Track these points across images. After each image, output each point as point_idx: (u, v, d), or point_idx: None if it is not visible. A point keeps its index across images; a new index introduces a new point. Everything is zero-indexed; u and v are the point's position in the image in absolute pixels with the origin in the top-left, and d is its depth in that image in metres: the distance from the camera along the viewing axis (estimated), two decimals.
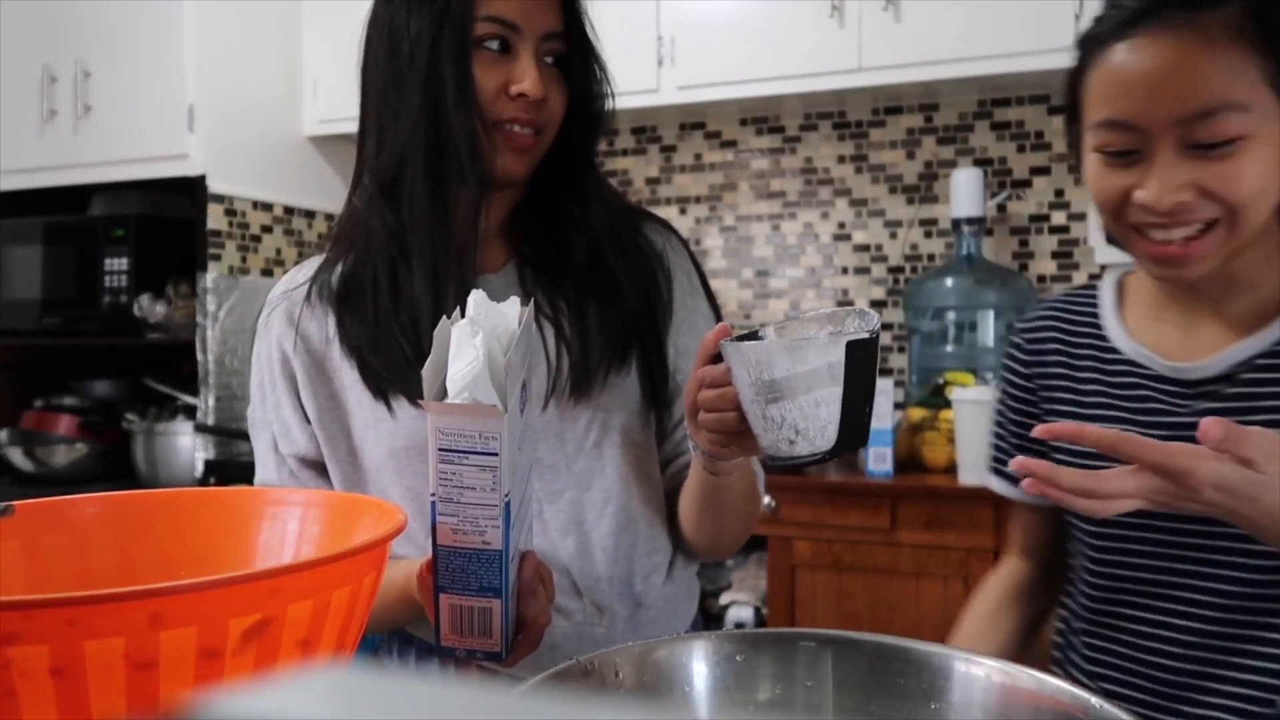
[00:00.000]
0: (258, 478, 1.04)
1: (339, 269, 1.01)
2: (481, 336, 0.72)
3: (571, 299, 1.01)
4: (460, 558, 0.74)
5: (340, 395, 1.00)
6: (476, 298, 0.76)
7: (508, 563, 0.75)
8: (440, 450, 0.72)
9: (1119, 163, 0.84)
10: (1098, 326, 0.99)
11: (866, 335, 0.73)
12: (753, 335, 0.80)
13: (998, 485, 1.07)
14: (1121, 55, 0.83)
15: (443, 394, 0.72)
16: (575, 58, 1.00)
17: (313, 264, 1.05)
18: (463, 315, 0.76)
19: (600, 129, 1.04)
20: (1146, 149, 0.82)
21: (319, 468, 1.02)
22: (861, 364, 0.73)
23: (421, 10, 0.95)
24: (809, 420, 0.74)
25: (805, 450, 0.75)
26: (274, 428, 1.02)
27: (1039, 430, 0.80)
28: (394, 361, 0.95)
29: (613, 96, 1.04)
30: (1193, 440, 0.78)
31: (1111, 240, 0.99)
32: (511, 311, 0.78)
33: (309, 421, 1.00)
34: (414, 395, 0.93)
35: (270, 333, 1.03)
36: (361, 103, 1.01)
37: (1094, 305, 1.00)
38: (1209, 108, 0.79)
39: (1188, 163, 0.81)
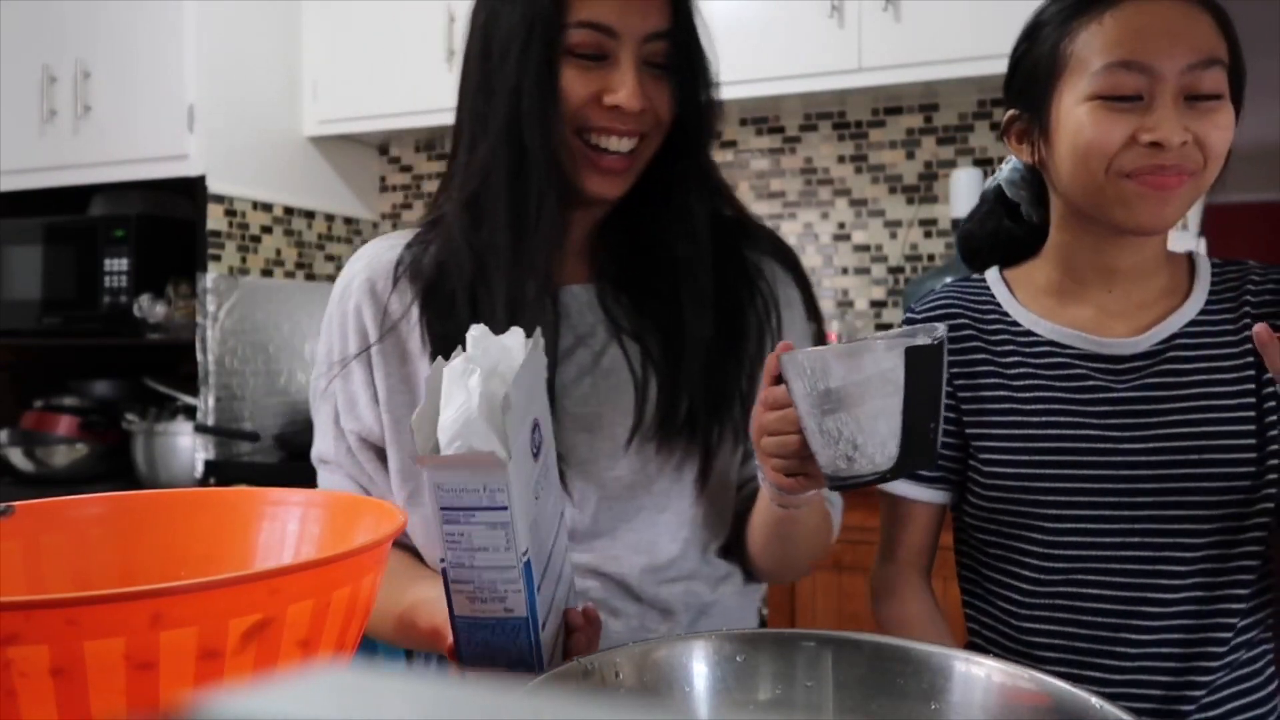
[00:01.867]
0: (315, 449, 1.00)
1: (428, 256, 0.97)
2: (478, 375, 0.64)
3: (662, 329, 0.95)
4: (483, 630, 0.67)
5: (414, 379, 0.96)
6: (475, 334, 0.69)
7: (537, 629, 0.67)
8: (443, 510, 0.64)
9: (1121, 107, 0.89)
10: (1004, 314, 1.02)
11: (927, 342, 0.69)
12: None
13: (904, 488, 1.03)
14: (1129, 10, 0.91)
15: (436, 445, 0.64)
16: (681, 58, 0.91)
17: (399, 238, 1.01)
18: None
19: (705, 136, 0.96)
20: (1150, 95, 0.89)
21: (379, 451, 0.97)
22: (923, 374, 0.69)
23: (514, 9, 0.88)
24: (867, 435, 0.70)
25: (866, 468, 0.71)
26: (339, 400, 0.97)
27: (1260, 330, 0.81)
28: None
29: (719, 102, 0.96)
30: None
31: (967, 245, 1.11)
32: (515, 344, 0.70)
33: (378, 401, 0.96)
34: None
35: (348, 302, 0.98)
36: (458, 95, 0.96)
37: (990, 295, 1.04)
38: (1211, 58, 0.89)
39: (1185, 111, 0.89)
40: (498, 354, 0.68)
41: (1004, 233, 1.08)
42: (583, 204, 0.94)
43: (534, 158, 0.88)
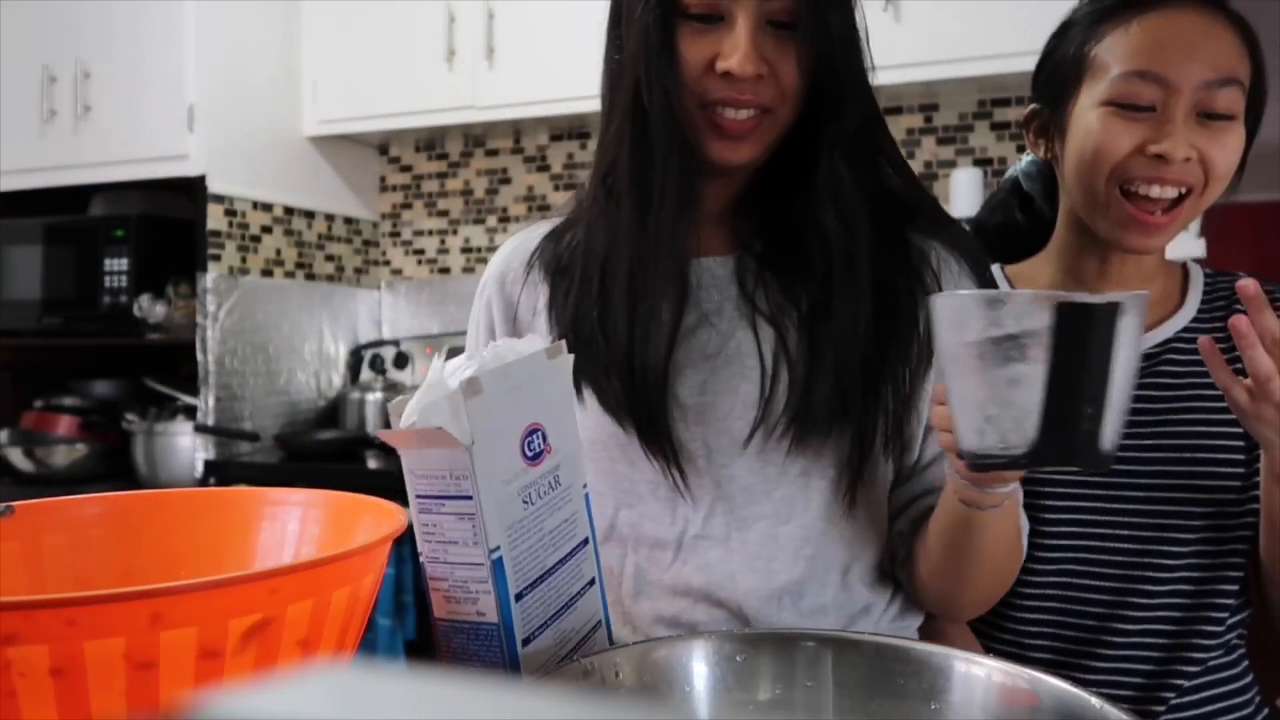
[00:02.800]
0: None
1: (565, 241, 0.94)
2: (473, 369, 0.62)
3: (804, 318, 0.86)
4: (460, 635, 0.64)
5: None
6: (497, 342, 0.68)
7: (514, 642, 0.64)
8: (418, 498, 0.63)
9: (1132, 116, 0.90)
10: None
11: (1092, 302, 0.56)
12: None
13: None
14: (1154, 20, 0.91)
15: None
16: (810, 15, 0.81)
17: (541, 229, 0.98)
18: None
19: (852, 101, 0.85)
20: (1164, 107, 0.89)
21: None
22: (1079, 342, 0.56)
23: None
24: (1002, 405, 0.58)
25: (995, 443, 0.60)
26: None
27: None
28: (588, 351, 0.87)
29: (870, 67, 0.87)
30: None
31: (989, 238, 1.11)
32: (529, 348, 0.68)
33: None
34: (600, 389, 0.87)
35: (482, 297, 0.98)
36: (602, 70, 0.91)
37: None
38: (1229, 76, 0.89)
39: (1195, 128, 0.89)
40: (509, 355, 0.67)
41: (1013, 226, 1.11)
42: (719, 172, 0.86)
43: (656, 126, 0.82)
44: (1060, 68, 0.97)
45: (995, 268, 1.07)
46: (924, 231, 0.90)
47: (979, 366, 0.59)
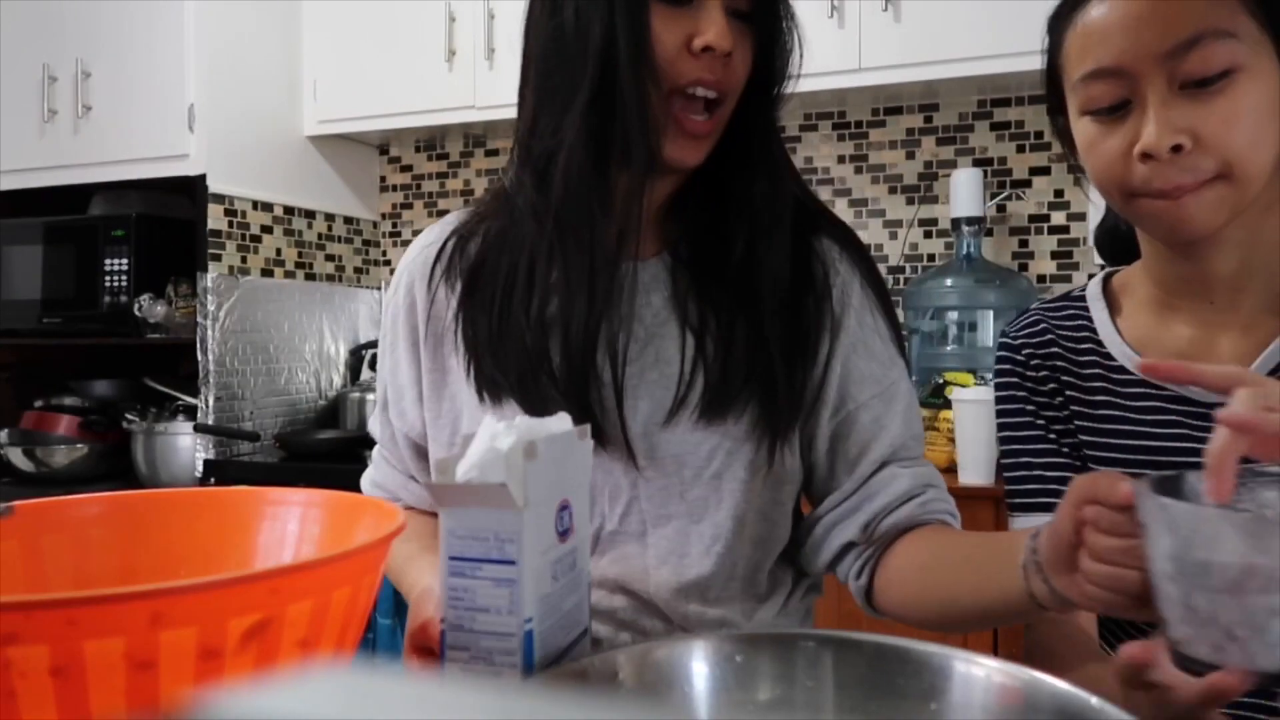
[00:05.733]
0: (369, 424, 1.02)
1: (475, 243, 0.93)
2: (515, 437, 0.62)
3: (723, 306, 0.88)
4: None
5: (453, 374, 0.93)
6: (519, 419, 0.67)
7: None
8: (450, 560, 0.61)
9: (1111, 120, 0.78)
10: (1098, 341, 0.91)
11: None
12: (1171, 480, 0.60)
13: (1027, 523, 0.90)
14: (1094, 9, 0.79)
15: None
16: (766, 6, 0.85)
17: (454, 220, 0.98)
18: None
19: (782, 94, 0.89)
20: (1136, 97, 0.76)
21: (421, 451, 0.97)
22: None
23: None
24: (1254, 630, 0.53)
25: (1237, 659, 0.54)
26: (389, 390, 0.97)
27: (1143, 366, 0.67)
28: (511, 362, 0.87)
29: (800, 52, 0.88)
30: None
31: (1099, 244, 1.01)
32: (558, 426, 0.68)
33: (422, 399, 0.94)
34: (527, 401, 0.86)
35: (399, 289, 0.97)
36: (521, 70, 0.92)
37: (1085, 312, 0.93)
38: (1193, 35, 0.74)
39: (1183, 105, 0.75)
40: (539, 430, 0.65)
41: (1117, 231, 0.99)
42: (659, 172, 0.87)
43: (627, 112, 0.81)
44: (1049, 79, 0.87)
45: (1095, 286, 0.95)
46: (823, 233, 0.94)
47: (1228, 587, 0.54)
